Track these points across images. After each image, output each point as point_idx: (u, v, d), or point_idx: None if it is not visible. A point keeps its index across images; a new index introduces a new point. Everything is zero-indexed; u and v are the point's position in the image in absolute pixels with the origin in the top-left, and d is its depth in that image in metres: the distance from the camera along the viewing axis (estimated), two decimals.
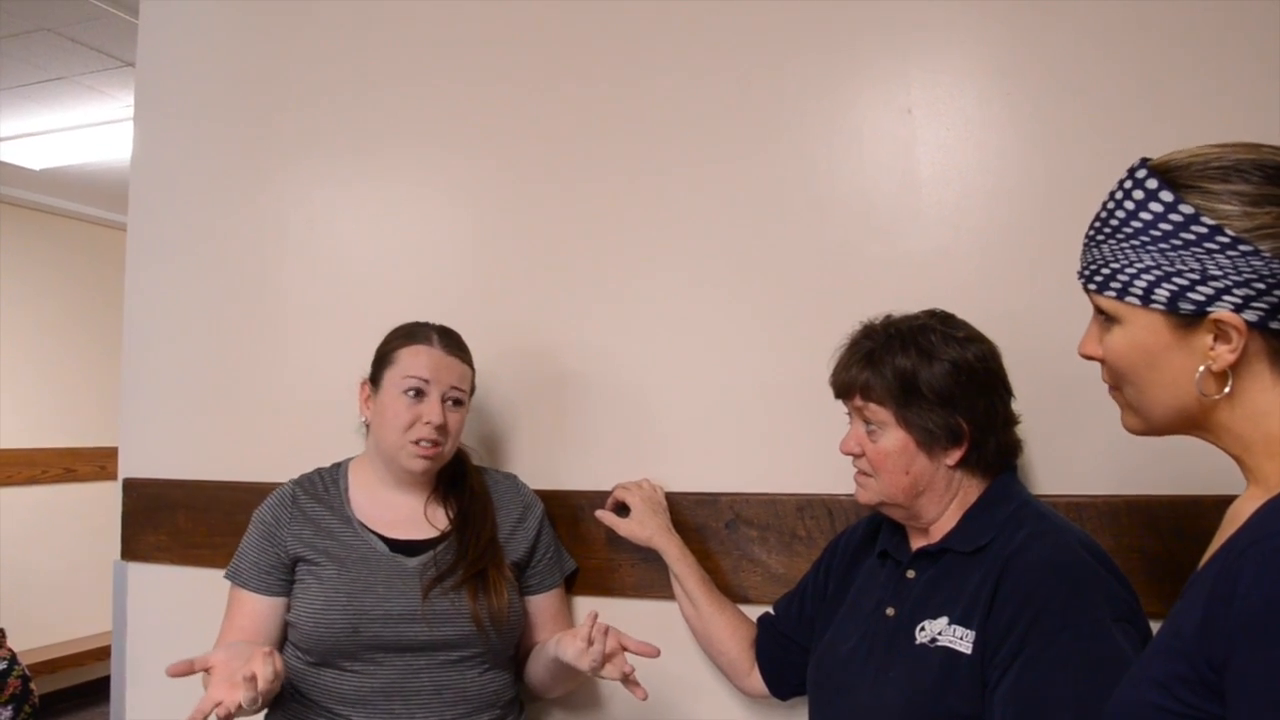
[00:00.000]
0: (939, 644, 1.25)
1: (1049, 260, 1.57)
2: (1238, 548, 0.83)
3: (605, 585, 1.80)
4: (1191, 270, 0.88)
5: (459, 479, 1.72)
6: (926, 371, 1.29)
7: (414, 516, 1.67)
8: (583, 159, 1.92)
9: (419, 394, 1.60)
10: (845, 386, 1.36)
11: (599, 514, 1.74)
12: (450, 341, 1.67)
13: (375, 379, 1.66)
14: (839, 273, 1.72)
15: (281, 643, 1.63)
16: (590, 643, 1.46)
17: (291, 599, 1.62)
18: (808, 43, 1.77)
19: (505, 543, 1.68)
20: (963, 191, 1.66)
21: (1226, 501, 0.97)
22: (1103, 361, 0.99)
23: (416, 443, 1.60)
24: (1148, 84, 1.56)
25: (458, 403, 1.64)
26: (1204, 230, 0.87)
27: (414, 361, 1.62)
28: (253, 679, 1.30)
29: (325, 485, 1.70)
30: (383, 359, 1.66)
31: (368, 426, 1.69)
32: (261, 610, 1.62)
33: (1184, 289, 0.88)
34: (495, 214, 1.99)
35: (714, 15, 1.83)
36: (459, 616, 1.57)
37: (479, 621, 1.57)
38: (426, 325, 1.69)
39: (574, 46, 1.94)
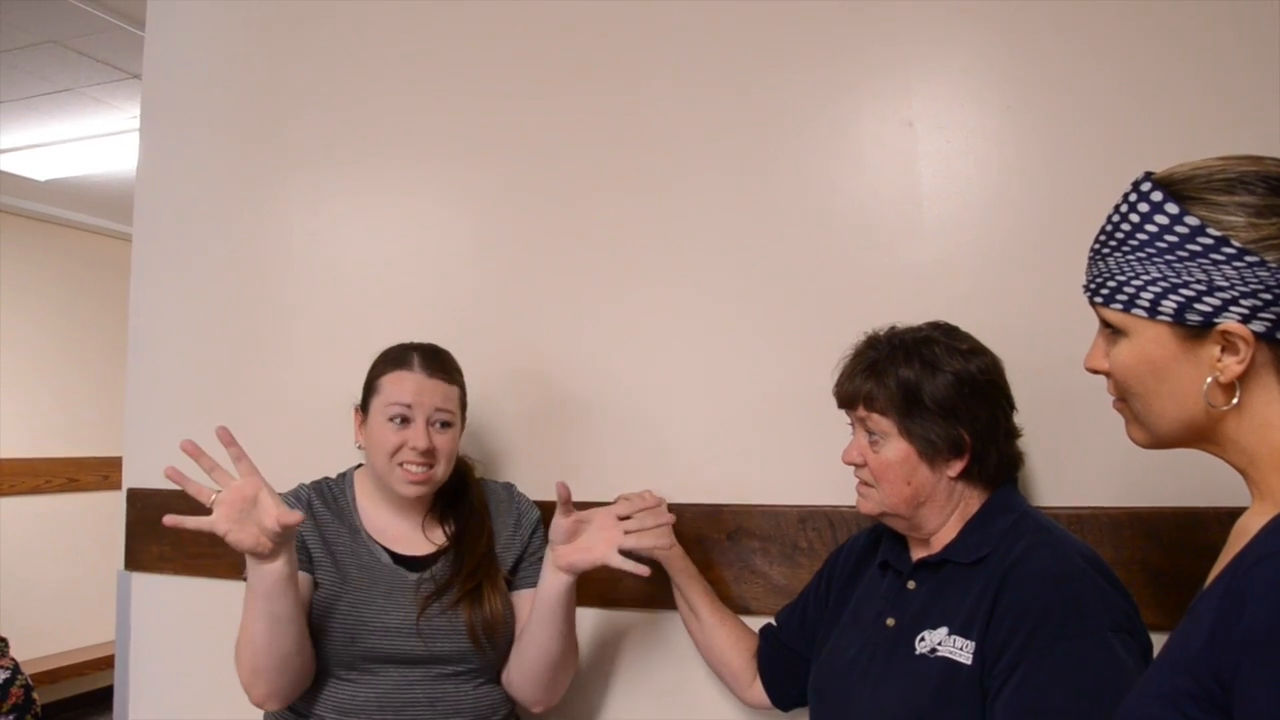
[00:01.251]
0: (939, 654, 1.25)
1: (1051, 272, 1.58)
2: (1245, 564, 0.83)
3: (608, 597, 1.80)
4: (1198, 281, 0.88)
5: (459, 494, 1.72)
6: (930, 383, 1.30)
7: (413, 533, 1.67)
8: (584, 171, 1.92)
9: (404, 420, 1.60)
10: (849, 396, 1.37)
11: None
12: (434, 363, 1.65)
13: (364, 407, 1.66)
14: (840, 285, 1.73)
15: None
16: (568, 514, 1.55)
17: None
18: (809, 56, 1.78)
19: (502, 553, 1.68)
20: (964, 204, 1.66)
21: (1229, 514, 0.97)
22: (1109, 375, 0.99)
23: (405, 468, 1.59)
24: (1149, 96, 1.56)
25: (446, 425, 1.63)
26: (1210, 241, 0.87)
27: (396, 389, 1.61)
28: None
29: (334, 494, 1.70)
30: (369, 387, 1.66)
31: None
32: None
33: (1191, 300, 0.89)
34: (497, 226, 2.00)
35: (716, 29, 1.84)
36: (454, 632, 1.57)
37: (475, 637, 1.57)
38: (411, 348, 1.66)
39: (577, 60, 1.95)
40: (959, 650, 1.23)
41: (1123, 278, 0.93)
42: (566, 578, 1.55)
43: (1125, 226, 0.93)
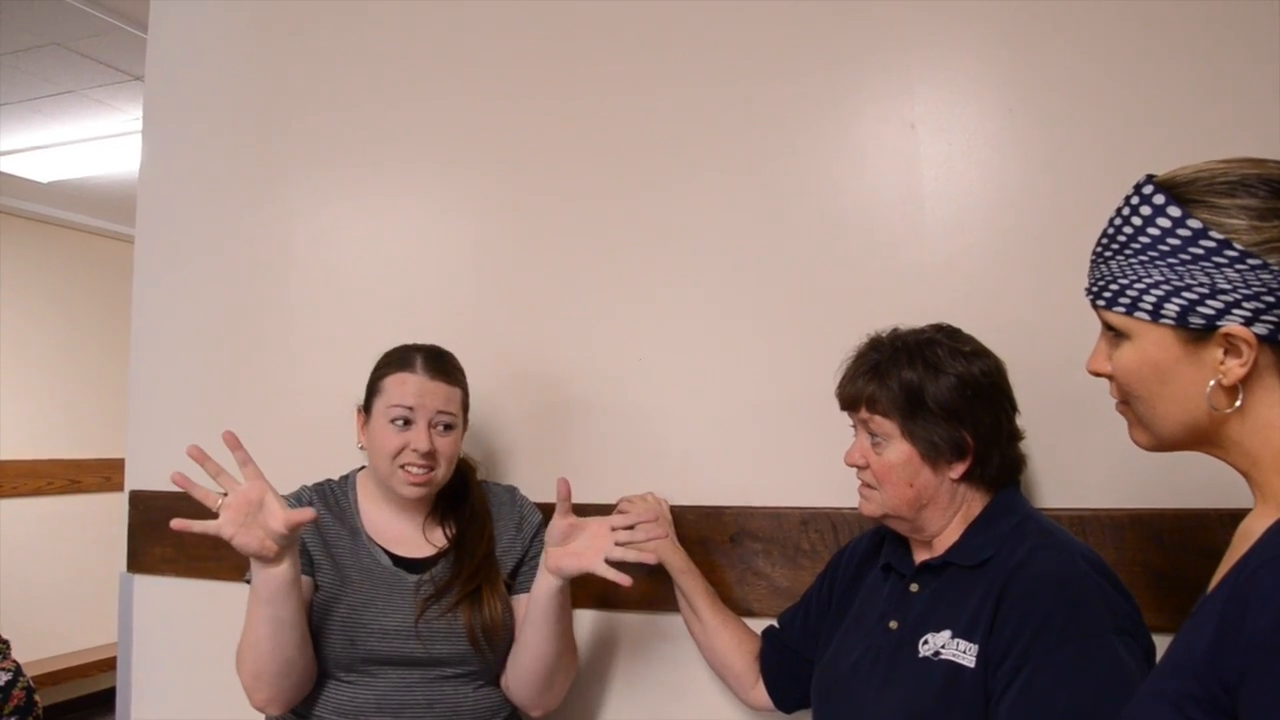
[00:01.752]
0: (942, 657, 1.25)
1: (1052, 274, 1.58)
2: (1249, 567, 0.83)
3: (609, 599, 1.80)
4: (1201, 285, 0.88)
5: (460, 496, 1.72)
6: (933, 385, 1.30)
7: (414, 535, 1.67)
8: (588, 175, 1.93)
9: (406, 422, 1.60)
10: (851, 398, 1.37)
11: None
12: (437, 366, 1.65)
13: (367, 407, 1.66)
14: (842, 287, 1.73)
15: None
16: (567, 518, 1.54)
17: None
18: (812, 58, 1.78)
19: (502, 556, 1.68)
20: (966, 205, 1.67)
21: (1230, 515, 0.97)
22: (1111, 378, 0.99)
23: (406, 469, 1.59)
24: (1150, 98, 1.57)
25: (448, 427, 1.63)
26: (1212, 244, 0.88)
27: (399, 390, 1.61)
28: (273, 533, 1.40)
29: (336, 496, 1.70)
30: (372, 388, 1.66)
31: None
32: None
33: (1194, 303, 0.89)
34: (499, 228, 2.00)
35: (719, 32, 1.84)
36: (453, 635, 1.57)
37: (474, 640, 1.57)
38: (414, 350, 1.67)
39: (580, 63, 1.95)
40: (962, 653, 1.23)
41: (1125, 281, 0.94)
42: (556, 580, 1.55)
43: (1127, 230, 0.93)
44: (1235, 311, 0.87)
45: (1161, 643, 1.00)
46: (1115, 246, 0.95)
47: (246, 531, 1.39)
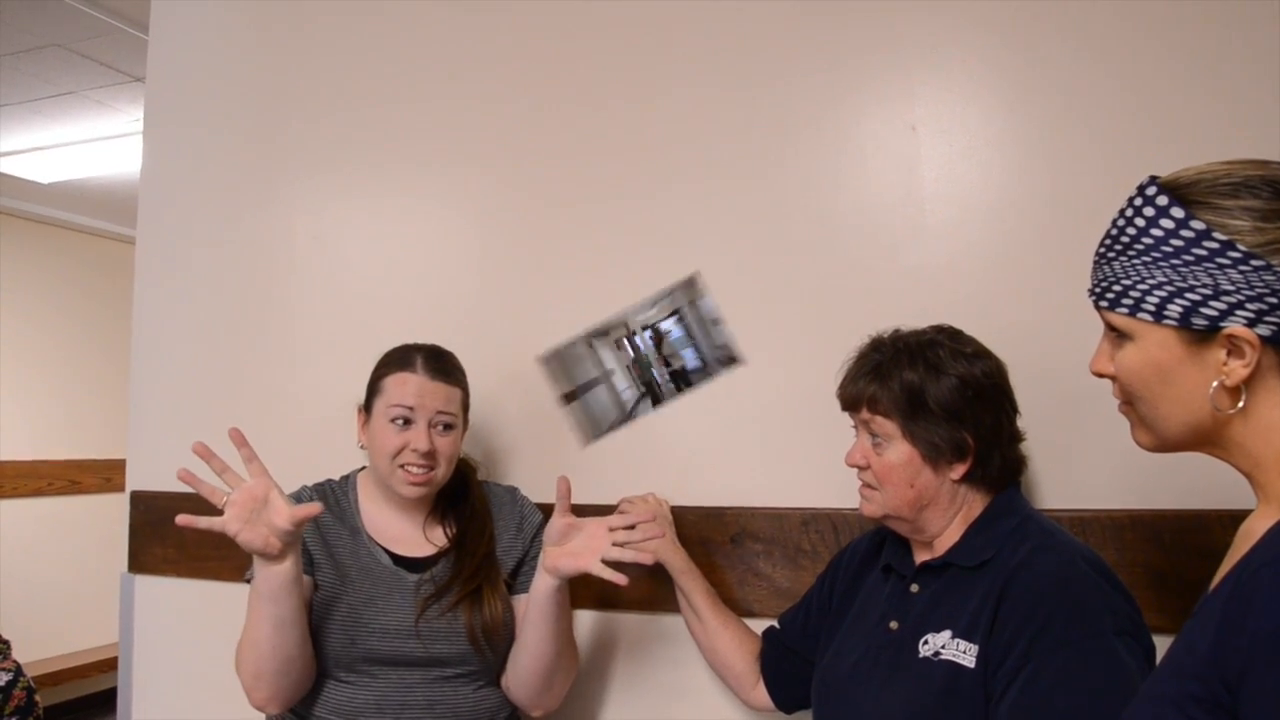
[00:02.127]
0: (942, 658, 1.25)
1: (1052, 276, 1.58)
2: (1251, 567, 0.83)
3: (610, 599, 1.80)
4: (1204, 286, 0.88)
5: (460, 496, 1.72)
6: (934, 386, 1.30)
7: (414, 534, 1.68)
8: (588, 176, 1.93)
9: (406, 422, 1.60)
10: (852, 399, 1.37)
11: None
12: (437, 366, 1.65)
13: (368, 407, 1.67)
14: (843, 288, 1.73)
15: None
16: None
17: None
18: (813, 60, 1.78)
19: (503, 556, 1.68)
20: (967, 206, 1.67)
21: (1231, 516, 0.97)
22: (1114, 379, 1.00)
23: (406, 469, 1.60)
24: (1151, 100, 1.57)
25: (448, 427, 1.63)
26: (1215, 246, 0.88)
27: (399, 390, 1.61)
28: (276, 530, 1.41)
29: (336, 496, 1.70)
30: (373, 387, 1.67)
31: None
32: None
33: (1196, 304, 0.89)
34: (500, 228, 2.00)
35: (720, 34, 1.85)
36: (454, 634, 1.57)
37: (474, 639, 1.57)
38: (414, 350, 1.67)
39: (581, 65, 1.95)
40: (962, 654, 1.23)
41: (1128, 282, 0.94)
42: (553, 580, 1.55)
43: (1131, 230, 0.93)
44: (1238, 313, 0.87)
45: (1162, 644, 1.00)
46: (1118, 248, 0.95)
47: (251, 528, 1.40)
